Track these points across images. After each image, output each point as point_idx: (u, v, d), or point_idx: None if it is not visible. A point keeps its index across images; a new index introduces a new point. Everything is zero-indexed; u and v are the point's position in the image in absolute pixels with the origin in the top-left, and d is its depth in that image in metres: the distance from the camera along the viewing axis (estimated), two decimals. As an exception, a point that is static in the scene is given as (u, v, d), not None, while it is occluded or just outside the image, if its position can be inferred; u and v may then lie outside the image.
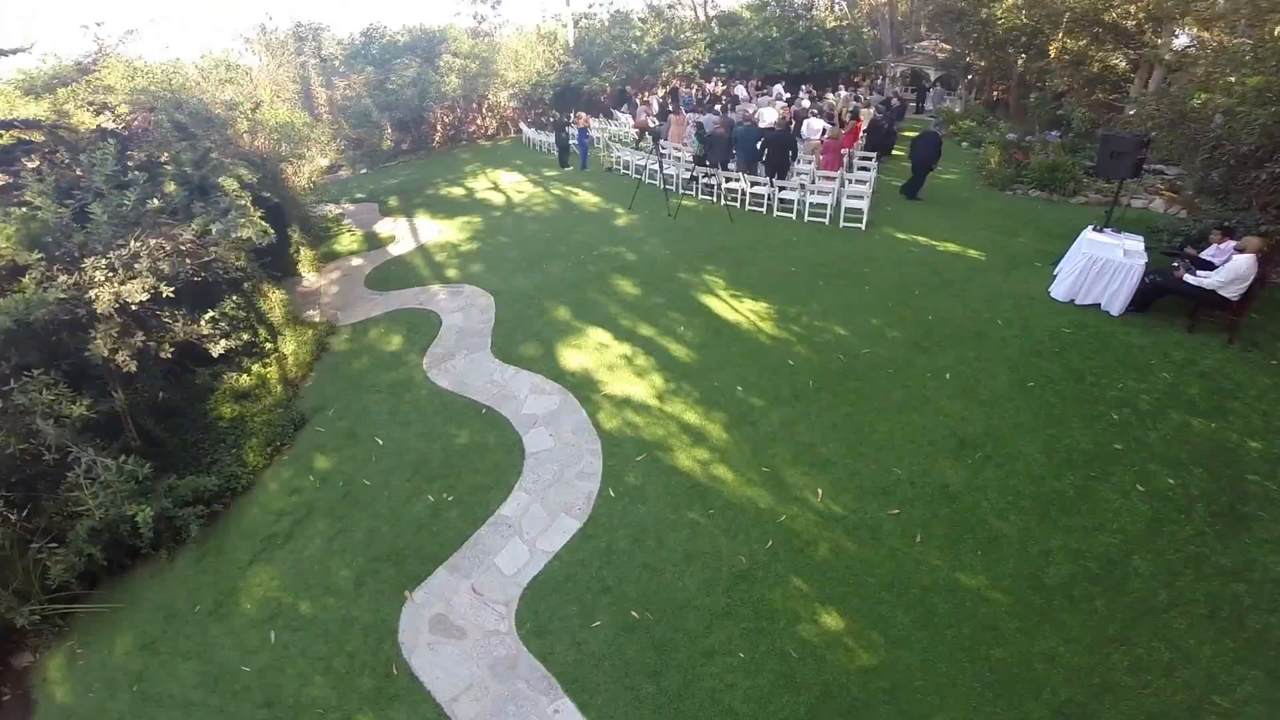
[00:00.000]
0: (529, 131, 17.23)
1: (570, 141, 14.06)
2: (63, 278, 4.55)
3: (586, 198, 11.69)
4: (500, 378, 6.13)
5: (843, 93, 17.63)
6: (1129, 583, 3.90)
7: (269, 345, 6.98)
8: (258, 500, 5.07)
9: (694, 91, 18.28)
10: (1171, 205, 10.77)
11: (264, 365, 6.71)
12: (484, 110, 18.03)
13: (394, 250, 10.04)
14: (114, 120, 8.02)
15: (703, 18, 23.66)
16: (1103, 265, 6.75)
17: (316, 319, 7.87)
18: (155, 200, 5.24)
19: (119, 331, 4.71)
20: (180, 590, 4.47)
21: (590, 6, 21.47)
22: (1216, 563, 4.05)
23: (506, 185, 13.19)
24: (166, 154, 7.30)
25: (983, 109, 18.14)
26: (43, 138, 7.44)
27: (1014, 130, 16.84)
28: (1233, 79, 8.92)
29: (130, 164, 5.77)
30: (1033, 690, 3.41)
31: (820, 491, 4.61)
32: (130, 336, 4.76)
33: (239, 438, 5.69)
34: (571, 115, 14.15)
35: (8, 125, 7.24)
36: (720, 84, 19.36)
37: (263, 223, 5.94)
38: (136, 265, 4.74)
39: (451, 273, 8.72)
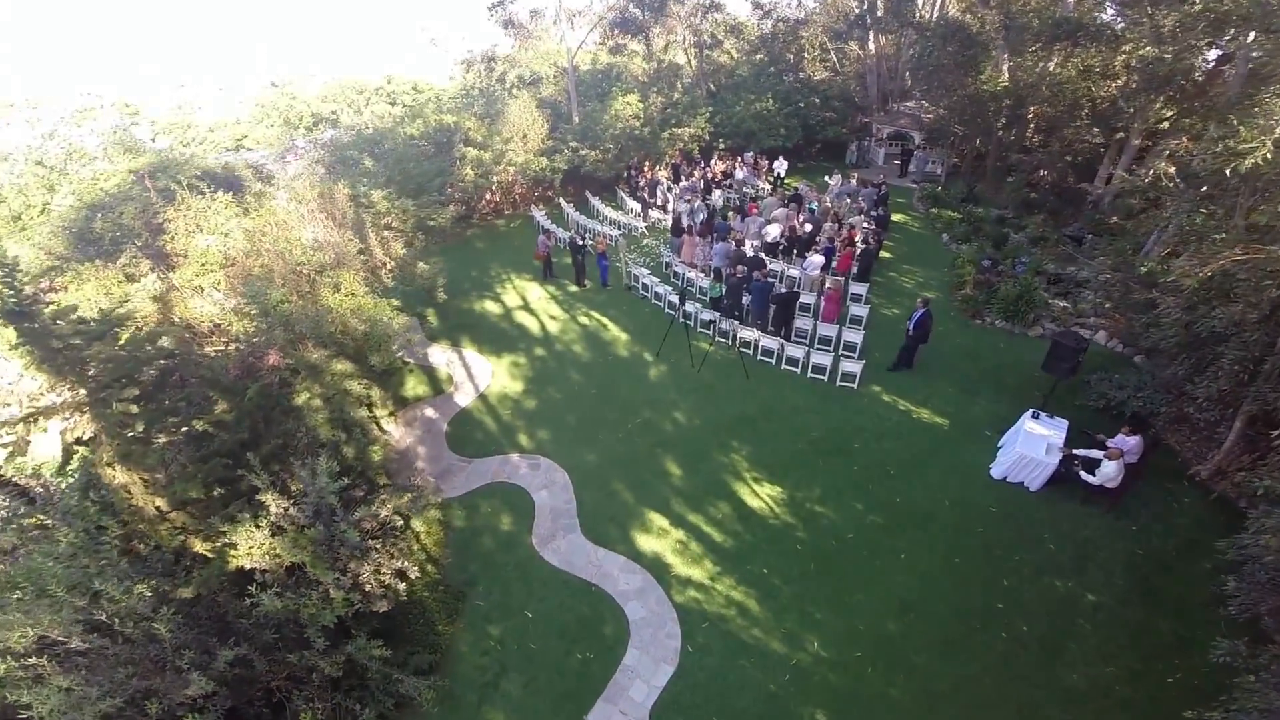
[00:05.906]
0: (539, 216, 22.17)
1: (582, 255, 18.96)
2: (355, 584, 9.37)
3: (616, 334, 16.74)
4: (595, 558, 11.15)
5: (837, 178, 22.94)
6: (979, 690, 9.14)
7: (407, 531, 11.83)
8: (460, 659, 9.99)
9: (695, 177, 23.39)
10: (1113, 338, 16.27)
11: (409, 547, 11.59)
12: (493, 188, 22.85)
13: (459, 400, 14.93)
14: (252, 354, 12.63)
15: (695, 64, 28.68)
16: (1029, 461, 11.96)
17: (419, 483, 12.70)
18: (383, 512, 10.03)
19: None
20: (440, 725, 9.35)
21: (589, 67, 26.38)
22: (1031, 679, 9.29)
23: (535, 304, 18.22)
24: (307, 389, 12.02)
25: (964, 186, 23.58)
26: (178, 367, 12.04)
27: (995, 208, 22.48)
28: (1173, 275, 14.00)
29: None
30: (922, 757, 8.64)
31: (815, 643, 9.78)
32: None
33: (422, 613, 10.55)
34: (588, 238, 19.12)
35: (157, 357, 11.89)
36: (720, 163, 24.54)
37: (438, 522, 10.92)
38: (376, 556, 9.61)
39: (523, 439, 13.68)
